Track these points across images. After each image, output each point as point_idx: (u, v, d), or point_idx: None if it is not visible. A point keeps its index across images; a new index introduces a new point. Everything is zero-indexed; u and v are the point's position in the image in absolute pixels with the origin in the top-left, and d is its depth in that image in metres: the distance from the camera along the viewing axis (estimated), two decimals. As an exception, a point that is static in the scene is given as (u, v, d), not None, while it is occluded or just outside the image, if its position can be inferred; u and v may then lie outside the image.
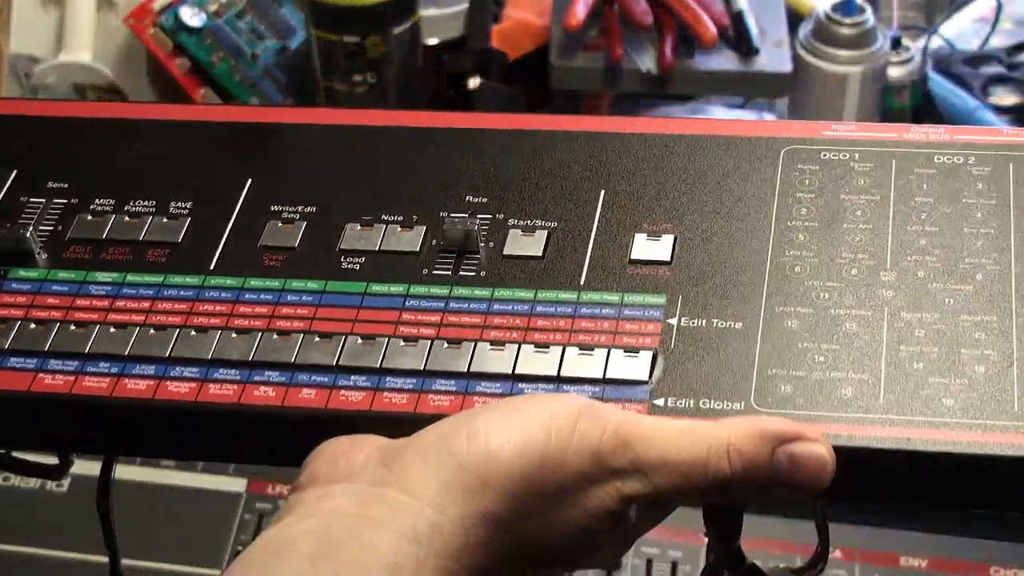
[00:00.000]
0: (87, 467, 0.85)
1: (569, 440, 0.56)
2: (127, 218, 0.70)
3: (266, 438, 0.63)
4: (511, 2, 1.52)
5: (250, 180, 0.71)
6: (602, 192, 0.69)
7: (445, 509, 0.54)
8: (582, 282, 0.65)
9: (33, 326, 0.65)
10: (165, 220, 0.69)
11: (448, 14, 1.47)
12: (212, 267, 0.67)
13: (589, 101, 1.48)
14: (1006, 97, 1.43)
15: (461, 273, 0.66)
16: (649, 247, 0.66)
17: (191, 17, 1.43)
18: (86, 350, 0.64)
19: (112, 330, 0.65)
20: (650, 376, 0.61)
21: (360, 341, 0.63)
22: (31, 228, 0.69)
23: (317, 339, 0.63)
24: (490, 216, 0.68)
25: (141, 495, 1.09)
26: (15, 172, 0.73)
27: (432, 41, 1.46)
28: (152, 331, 0.65)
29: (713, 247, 0.66)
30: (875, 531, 1.09)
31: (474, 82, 1.39)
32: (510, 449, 0.55)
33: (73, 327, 0.65)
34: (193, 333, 0.64)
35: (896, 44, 1.43)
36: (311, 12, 1.38)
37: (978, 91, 1.42)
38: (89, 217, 0.70)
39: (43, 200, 0.71)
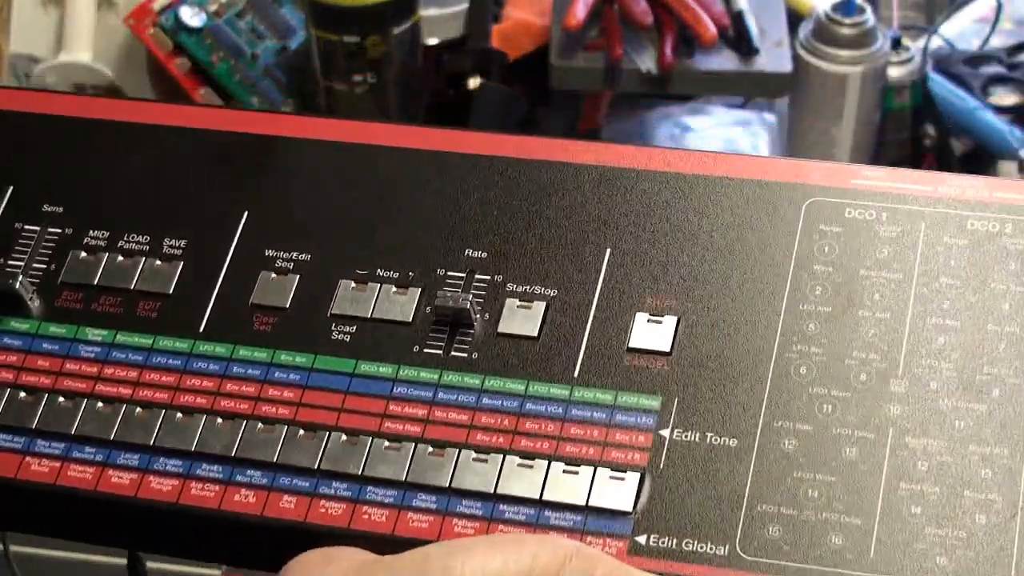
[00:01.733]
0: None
1: None
2: (120, 258, 0.66)
3: (244, 544, 0.61)
4: (511, 2, 1.49)
5: (246, 213, 0.67)
6: (608, 252, 0.64)
7: None
8: (576, 374, 0.61)
9: (23, 395, 0.63)
10: (158, 263, 0.66)
11: (448, 14, 1.44)
12: (202, 328, 0.64)
13: (589, 101, 1.45)
14: (1006, 97, 1.39)
15: (453, 354, 0.62)
16: (649, 333, 0.61)
17: (191, 17, 1.40)
18: (72, 431, 0.62)
19: (99, 405, 0.62)
20: (635, 506, 0.57)
21: (344, 439, 0.60)
22: (20, 276, 0.65)
23: (301, 432, 0.61)
24: (488, 278, 0.64)
25: None
26: (11, 188, 0.69)
27: (432, 41, 1.44)
28: (139, 410, 0.62)
29: (716, 335, 0.61)
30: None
31: (474, 82, 1.37)
32: None
33: (61, 399, 0.63)
34: (179, 416, 0.62)
35: (896, 44, 1.41)
36: (311, 12, 1.36)
37: (978, 91, 1.38)
38: (82, 255, 0.67)
39: (37, 228, 0.68)
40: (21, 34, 1.44)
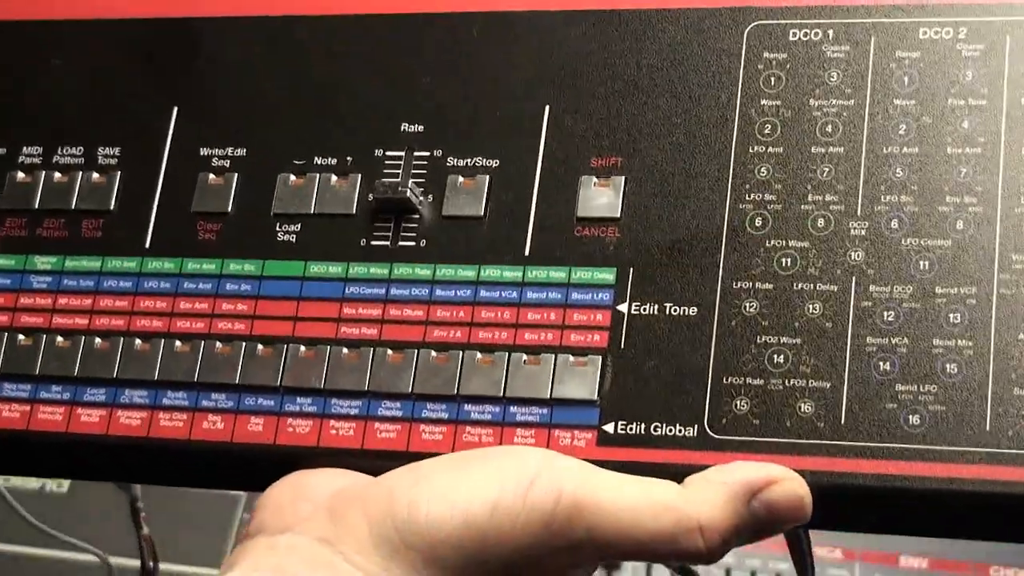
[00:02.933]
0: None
1: (517, 514, 0.51)
2: (57, 174, 0.62)
3: (216, 469, 0.59)
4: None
5: (176, 108, 0.62)
6: (546, 109, 0.59)
7: None
8: (527, 252, 0.57)
9: None
10: (96, 177, 0.62)
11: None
12: (148, 244, 0.61)
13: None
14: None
15: (400, 244, 0.58)
16: (597, 198, 0.57)
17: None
18: (36, 371, 0.59)
19: (59, 340, 0.60)
20: (599, 392, 0.54)
21: (302, 351, 0.57)
22: None
23: (260, 348, 0.58)
24: (428, 154, 0.59)
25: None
26: None
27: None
28: (98, 340, 0.59)
29: (666, 192, 0.56)
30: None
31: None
32: (451, 525, 0.51)
33: (21, 337, 0.60)
34: (138, 343, 0.59)
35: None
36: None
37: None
38: (20, 175, 0.63)
39: None
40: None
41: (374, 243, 0.58)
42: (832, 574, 1.07)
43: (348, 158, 0.60)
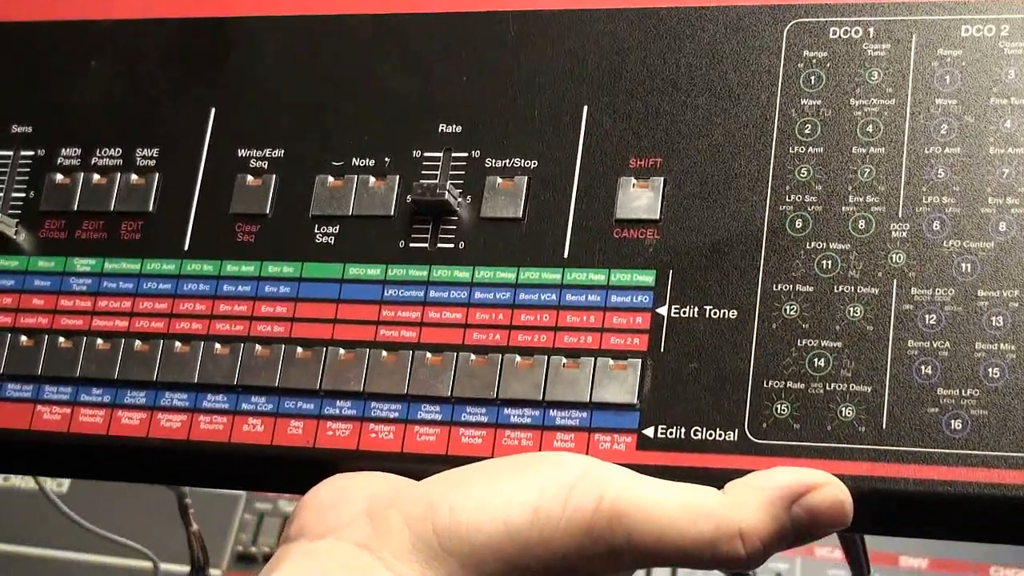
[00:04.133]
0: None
1: (558, 520, 0.50)
2: (96, 176, 0.62)
3: (256, 471, 0.59)
4: None
5: (213, 110, 0.62)
6: (584, 109, 0.58)
7: None
8: (566, 254, 0.56)
9: (24, 339, 0.61)
10: (134, 178, 0.62)
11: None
12: (187, 246, 0.60)
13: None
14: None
15: (439, 246, 0.58)
16: (636, 199, 0.56)
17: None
18: (76, 373, 0.59)
19: (99, 343, 0.60)
20: (639, 395, 0.54)
21: (342, 353, 0.57)
22: (0, 213, 0.62)
23: (299, 351, 0.57)
24: (466, 155, 0.59)
25: (141, 494, 1.01)
26: None
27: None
28: (138, 343, 0.59)
29: (705, 193, 0.56)
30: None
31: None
32: (491, 530, 0.51)
33: (61, 339, 0.60)
34: (178, 345, 0.59)
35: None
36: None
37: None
38: (58, 177, 0.63)
39: (10, 154, 0.64)
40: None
41: (412, 245, 0.58)
42: (832, 574, 1.06)
43: (386, 159, 0.59)
